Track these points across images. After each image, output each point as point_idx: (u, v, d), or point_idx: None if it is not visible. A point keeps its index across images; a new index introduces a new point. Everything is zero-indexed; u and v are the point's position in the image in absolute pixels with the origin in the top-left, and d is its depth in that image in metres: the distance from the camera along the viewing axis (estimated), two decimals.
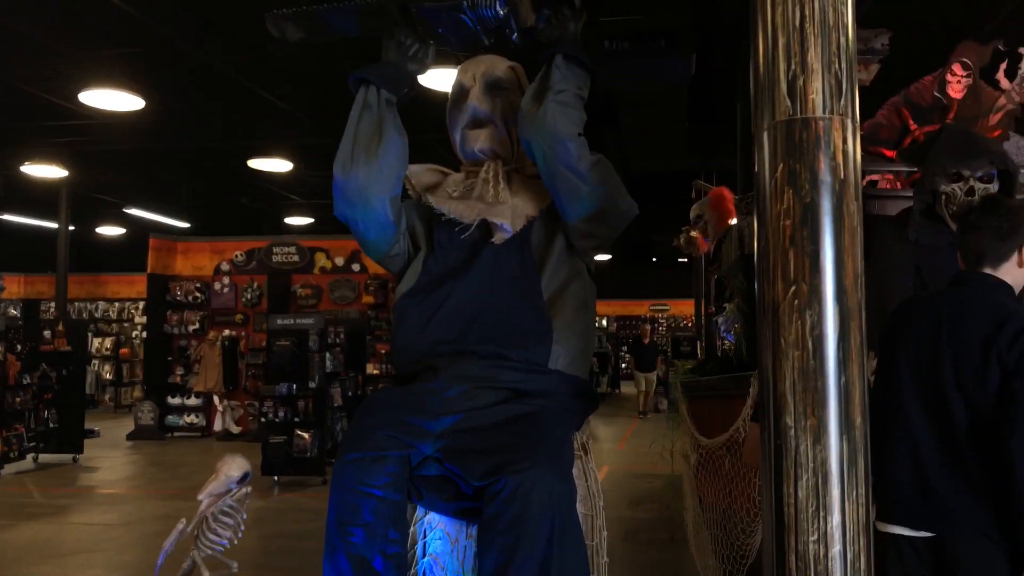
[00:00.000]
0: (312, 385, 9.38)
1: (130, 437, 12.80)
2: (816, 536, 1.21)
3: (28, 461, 10.12)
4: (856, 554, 1.21)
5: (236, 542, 1.39)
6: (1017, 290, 2.36)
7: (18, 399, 9.85)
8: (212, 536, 1.38)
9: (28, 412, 10.03)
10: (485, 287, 1.86)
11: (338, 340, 9.89)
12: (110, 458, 11.23)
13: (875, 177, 4.72)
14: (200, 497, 1.36)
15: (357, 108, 1.89)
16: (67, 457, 10.63)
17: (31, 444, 10.06)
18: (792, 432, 1.22)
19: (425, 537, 1.74)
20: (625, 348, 25.11)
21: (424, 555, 1.73)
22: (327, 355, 9.68)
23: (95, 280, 19.39)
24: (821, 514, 1.21)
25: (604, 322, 25.25)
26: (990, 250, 2.31)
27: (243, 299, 13.34)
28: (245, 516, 1.40)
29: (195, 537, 1.40)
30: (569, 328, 1.86)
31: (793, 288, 1.23)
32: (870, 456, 1.23)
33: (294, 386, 9.35)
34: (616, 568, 6.36)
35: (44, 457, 10.46)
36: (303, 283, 13.12)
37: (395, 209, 1.94)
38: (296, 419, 9.31)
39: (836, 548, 1.21)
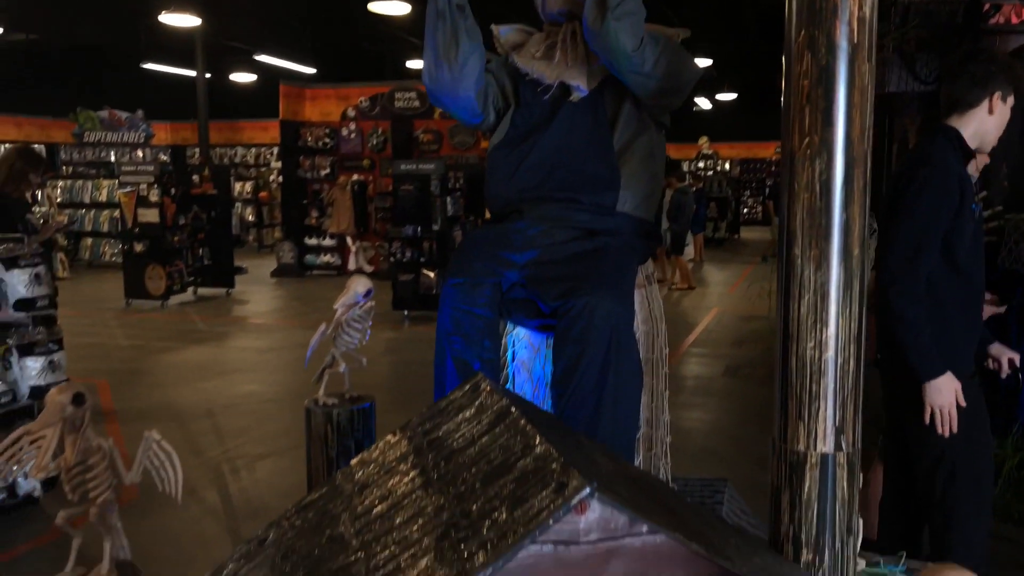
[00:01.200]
0: (435, 228, 9.95)
1: (274, 274, 13.99)
2: (813, 343, 1.49)
3: (188, 294, 11.37)
4: (846, 359, 1.49)
5: (364, 342, 1.78)
6: (983, 140, 2.46)
7: (176, 238, 10.96)
8: (346, 337, 1.77)
9: (185, 250, 11.17)
10: (563, 140, 2.12)
11: (458, 185, 10.31)
12: (258, 292, 12.41)
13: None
14: (335, 307, 1.74)
15: (431, 18, 2.09)
16: (221, 291, 11.85)
17: (190, 279, 11.27)
18: (799, 260, 1.48)
19: (513, 347, 2.13)
20: (752, 191, 24.49)
21: (513, 360, 2.12)
22: (448, 199, 10.16)
23: (232, 126, 20.47)
24: (819, 326, 1.48)
25: (727, 165, 24.51)
26: (962, 96, 2.43)
27: (369, 144, 13.91)
28: (370, 323, 1.78)
29: (333, 338, 1.80)
30: (635, 176, 2.12)
31: (807, 139, 1.45)
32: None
33: (419, 228, 9.96)
34: (717, 398, 6.75)
35: (202, 291, 11.71)
36: (424, 128, 13.50)
37: (481, 100, 2.21)
38: (422, 259, 9.98)
39: (829, 354, 1.49)
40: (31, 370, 3.99)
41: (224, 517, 4.06)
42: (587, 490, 0.94)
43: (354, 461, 1.34)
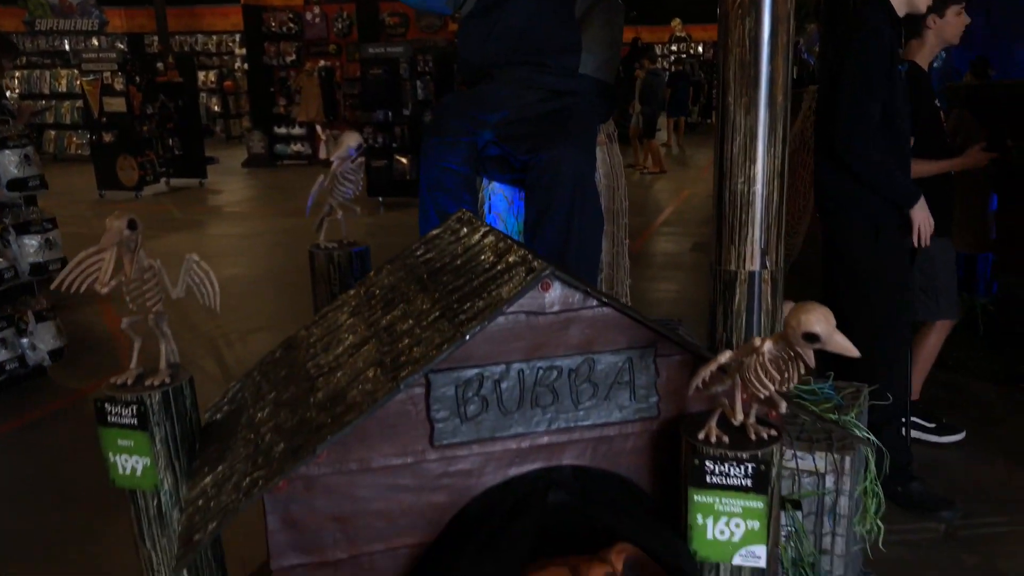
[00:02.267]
0: (406, 112, 9.99)
1: (245, 165, 13.96)
2: (743, 179, 1.76)
3: (161, 185, 11.39)
4: (771, 192, 1.76)
5: (357, 193, 2.01)
6: (912, 5, 2.76)
7: (145, 128, 10.89)
8: (341, 188, 1.98)
9: (155, 140, 11.11)
10: (531, 9, 2.31)
11: (427, 68, 10.29)
12: (230, 183, 12.44)
13: None
14: (331, 159, 1.94)
15: None
16: (194, 181, 11.87)
17: (162, 170, 11.26)
18: (732, 107, 1.73)
19: (490, 200, 2.38)
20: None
21: (489, 212, 2.37)
22: (418, 83, 10.16)
23: (191, 13, 19.81)
24: (748, 164, 1.75)
25: (700, 48, 24.28)
26: None
27: (334, 29, 13.67)
28: (362, 176, 2.00)
29: (330, 190, 2.01)
30: (595, 40, 2.32)
31: (738, 0, 1.68)
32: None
33: (389, 113, 9.99)
34: (684, 272, 7.06)
35: (175, 181, 11.72)
36: (390, 11, 13.26)
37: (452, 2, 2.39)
38: (394, 144, 10.06)
39: (757, 187, 1.76)
40: (29, 248, 4.18)
41: (223, 382, 4.37)
42: (548, 270, 1.22)
43: (368, 276, 1.62)
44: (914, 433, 3.45)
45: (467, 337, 1.18)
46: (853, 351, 1.07)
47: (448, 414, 1.23)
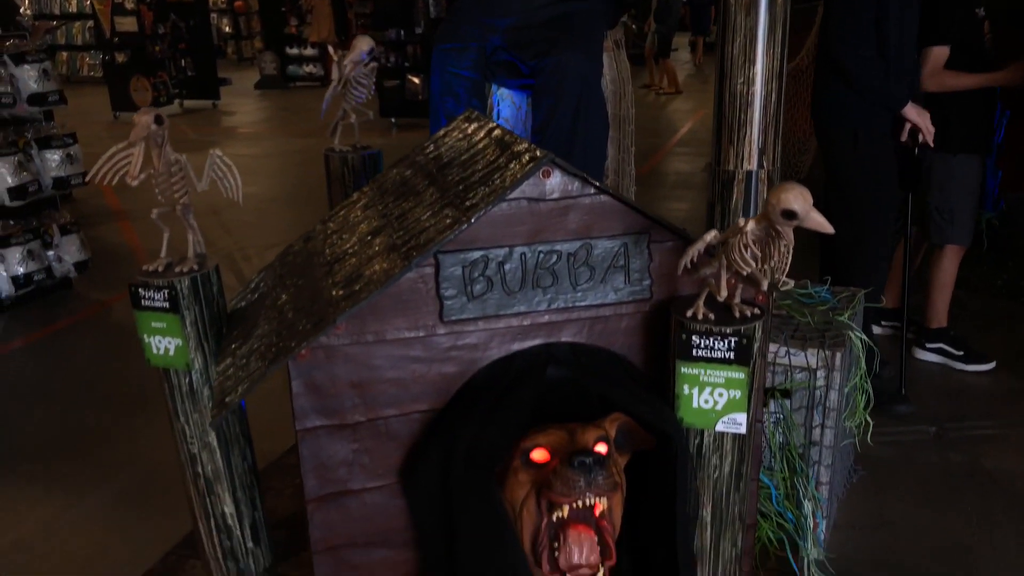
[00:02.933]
0: (418, 31, 9.89)
1: (257, 86, 13.90)
2: (743, 79, 1.82)
3: (175, 106, 11.40)
4: (769, 92, 1.82)
5: (370, 97, 2.07)
6: None
7: (157, 48, 10.85)
8: (354, 91, 2.05)
9: (168, 61, 11.08)
10: None
11: None
12: (243, 104, 12.42)
13: None
14: (344, 63, 2.00)
15: None
16: (207, 103, 11.86)
17: (175, 91, 11.26)
18: (733, 8, 1.78)
19: (498, 106, 2.44)
20: None
21: (498, 118, 2.44)
22: (430, 1, 10.02)
23: None
24: (747, 65, 1.80)
25: None
26: None
27: None
28: (375, 80, 2.06)
29: (343, 94, 2.08)
30: None
31: None
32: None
33: (402, 32, 9.89)
34: (696, 191, 7.05)
35: (188, 103, 11.73)
36: None
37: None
38: (406, 64, 9.99)
39: (756, 87, 1.82)
40: (51, 162, 4.28)
41: None
42: (548, 158, 1.30)
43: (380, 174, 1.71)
44: (940, 358, 3.54)
45: (472, 221, 1.28)
46: (828, 227, 1.16)
47: (456, 292, 1.33)
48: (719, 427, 1.38)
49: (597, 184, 1.35)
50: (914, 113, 2.83)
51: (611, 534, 1.37)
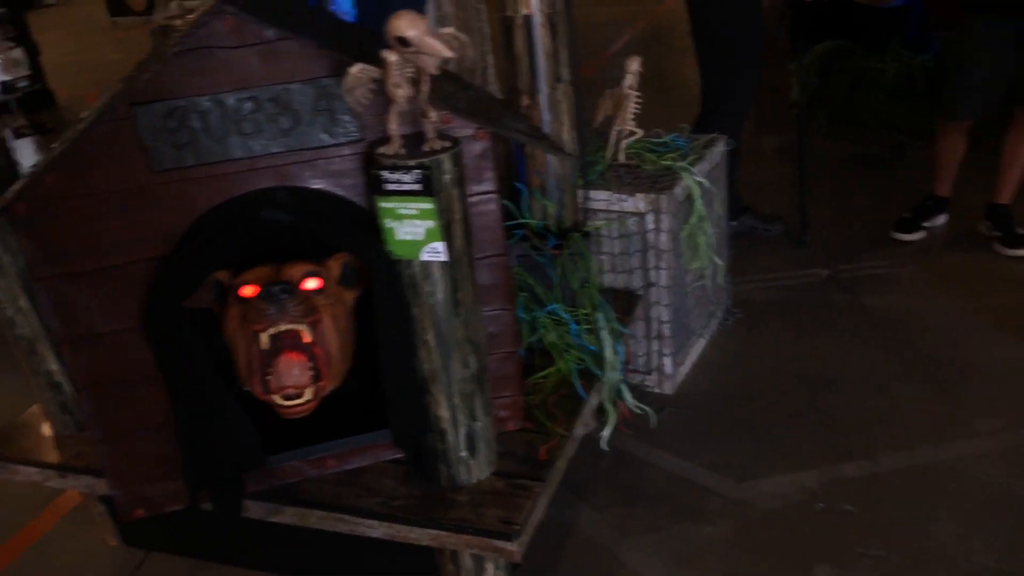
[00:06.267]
0: None
1: None
2: None
3: (173, 7, 11.34)
4: None
5: None
6: None
7: None
8: None
9: None
10: None
11: None
12: None
13: None
14: None
15: None
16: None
17: None
18: None
19: None
20: None
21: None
22: None
23: None
24: None
25: None
26: None
27: None
28: None
29: None
30: None
31: None
32: None
33: None
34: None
35: (188, 3, 11.64)
36: None
37: None
38: None
39: None
40: None
41: None
42: (229, 7, 1.36)
43: None
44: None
45: (155, 69, 1.35)
46: (445, 52, 1.20)
47: (159, 143, 1.42)
48: (424, 256, 1.46)
49: (285, 29, 1.40)
50: None
51: (324, 360, 1.50)
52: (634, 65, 2.37)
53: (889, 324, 2.74)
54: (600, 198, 2.32)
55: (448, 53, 1.21)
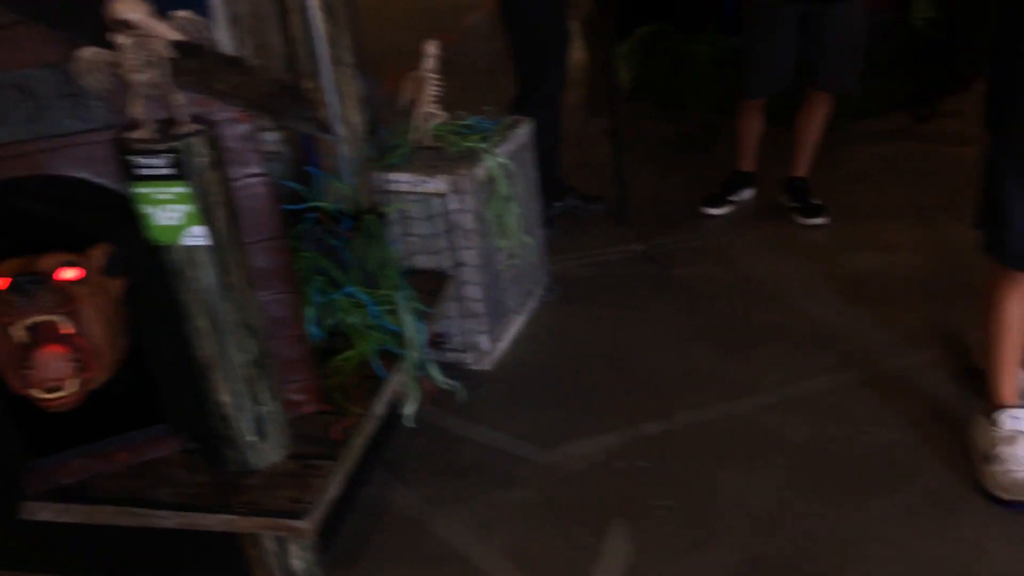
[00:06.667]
0: None
1: None
2: None
3: None
4: None
5: None
6: None
7: None
8: None
9: None
10: None
11: None
12: None
13: None
14: None
15: None
16: None
17: None
18: None
19: None
20: None
21: None
22: None
23: None
24: None
25: None
26: None
27: None
28: None
29: None
30: None
31: None
32: None
33: None
34: None
35: None
36: None
37: None
38: None
39: None
40: None
41: None
42: None
43: None
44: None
45: None
46: (170, 34, 1.21)
47: None
48: (184, 241, 1.46)
49: (24, 13, 1.36)
50: None
51: (89, 351, 1.48)
52: (432, 49, 2.42)
53: (693, 293, 2.91)
54: (403, 180, 2.35)
55: (173, 35, 1.21)
